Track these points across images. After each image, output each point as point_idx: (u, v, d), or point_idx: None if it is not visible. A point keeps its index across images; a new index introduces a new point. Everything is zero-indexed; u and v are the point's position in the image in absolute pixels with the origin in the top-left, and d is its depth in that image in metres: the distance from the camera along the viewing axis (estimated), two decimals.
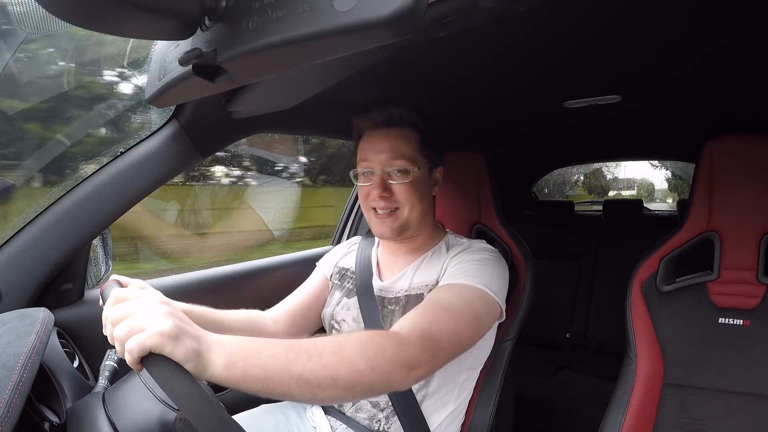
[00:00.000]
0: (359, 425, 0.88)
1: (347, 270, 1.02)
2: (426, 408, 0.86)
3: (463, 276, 0.81)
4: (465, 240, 0.97)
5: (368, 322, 0.90)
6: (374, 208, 0.91)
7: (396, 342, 0.62)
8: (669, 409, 0.93)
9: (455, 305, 0.75)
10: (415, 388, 0.86)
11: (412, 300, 0.89)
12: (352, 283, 0.99)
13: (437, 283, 0.87)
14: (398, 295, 0.91)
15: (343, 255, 1.07)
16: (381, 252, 1.02)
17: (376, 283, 0.96)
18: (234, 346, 0.53)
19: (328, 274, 1.06)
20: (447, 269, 0.87)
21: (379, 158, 0.88)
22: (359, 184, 0.93)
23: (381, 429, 0.86)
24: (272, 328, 0.96)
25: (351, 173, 0.96)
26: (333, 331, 0.98)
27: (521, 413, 0.81)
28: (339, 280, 1.02)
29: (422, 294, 0.88)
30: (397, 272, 0.95)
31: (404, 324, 0.70)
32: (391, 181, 0.89)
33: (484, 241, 0.96)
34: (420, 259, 0.94)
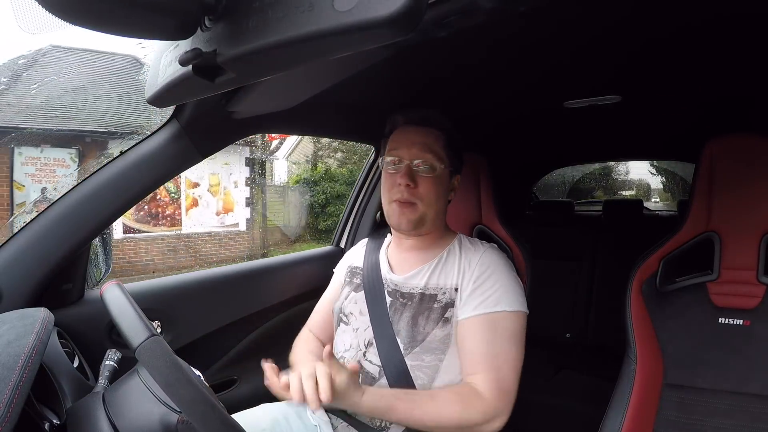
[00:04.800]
0: (360, 422, 0.89)
1: (357, 267, 1.07)
2: None
3: (499, 302, 0.87)
4: (476, 241, 0.99)
5: (374, 315, 0.94)
6: (396, 200, 0.93)
7: (479, 399, 0.80)
8: (669, 409, 0.93)
9: (507, 346, 0.85)
10: (415, 385, 0.86)
11: (425, 299, 0.92)
12: (360, 279, 1.03)
13: (454, 289, 0.90)
14: (413, 291, 0.94)
15: (354, 256, 1.12)
16: (391, 250, 1.06)
17: (391, 276, 0.99)
18: None
19: (341, 277, 1.11)
20: (473, 285, 0.89)
21: (410, 150, 0.92)
22: (388, 171, 0.96)
23: (382, 425, 0.87)
24: (315, 338, 1.08)
25: (379, 161, 1.00)
26: (341, 323, 1.02)
27: (521, 413, 0.82)
28: (349, 278, 1.07)
29: (436, 295, 0.91)
30: (410, 269, 0.98)
31: (479, 380, 0.82)
32: (417, 174, 0.91)
33: (495, 245, 0.99)
34: (436, 260, 0.96)
